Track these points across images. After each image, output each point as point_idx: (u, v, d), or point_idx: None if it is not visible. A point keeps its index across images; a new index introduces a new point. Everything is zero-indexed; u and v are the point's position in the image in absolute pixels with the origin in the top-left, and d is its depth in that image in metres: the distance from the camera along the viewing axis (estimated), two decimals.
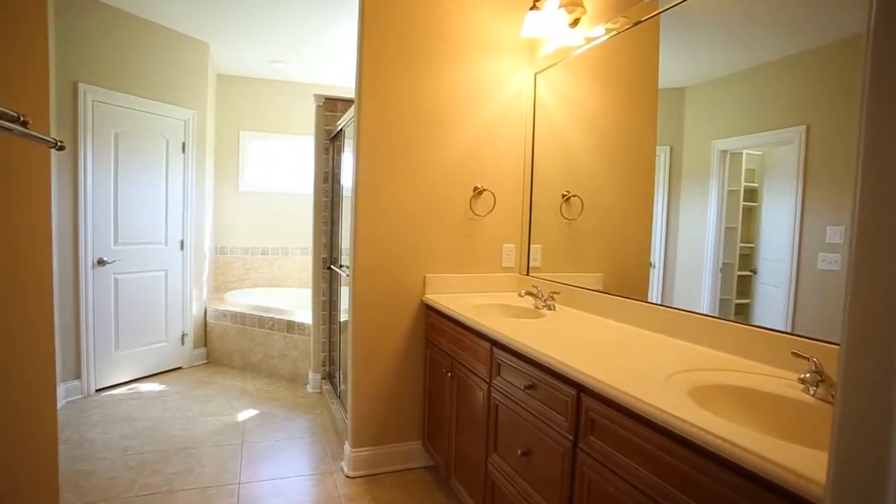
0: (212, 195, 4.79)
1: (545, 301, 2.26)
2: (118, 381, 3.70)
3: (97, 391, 3.53)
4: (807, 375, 1.13)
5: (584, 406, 1.32)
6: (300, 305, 4.57)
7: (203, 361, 4.36)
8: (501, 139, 2.67)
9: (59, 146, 1.12)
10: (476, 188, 2.63)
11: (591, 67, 2.26)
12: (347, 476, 2.50)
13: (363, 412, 2.52)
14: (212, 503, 2.25)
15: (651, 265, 1.94)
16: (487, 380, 1.88)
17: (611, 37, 2.12)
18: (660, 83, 1.91)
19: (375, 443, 2.54)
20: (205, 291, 4.46)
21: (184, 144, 4.07)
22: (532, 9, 2.38)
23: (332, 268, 3.66)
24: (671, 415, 1.01)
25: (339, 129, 3.44)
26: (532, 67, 2.67)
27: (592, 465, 1.29)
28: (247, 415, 3.25)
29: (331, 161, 3.68)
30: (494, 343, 1.84)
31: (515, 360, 1.68)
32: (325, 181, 3.68)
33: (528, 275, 2.68)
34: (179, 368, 4.16)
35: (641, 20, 1.97)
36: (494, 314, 2.27)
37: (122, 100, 3.58)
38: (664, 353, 1.52)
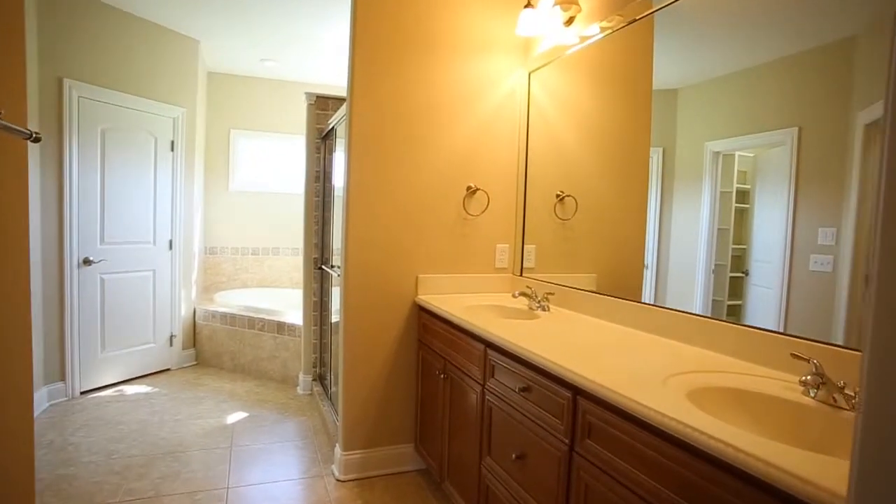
0: (201, 194, 4.73)
1: (539, 302, 2.23)
2: (104, 384, 3.62)
3: (82, 393, 3.46)
4: (808, 378, 1.11)
5: (581, 409, 1.29)
6: (291, 306, 4.51)
7: (192, 363, 4.30)
8: (495, 138, 2.64)
9: (35, 138, 1.07)
10: (469, 187, 2.60)
11: (586, 67, 2.24)
12: (338, 480, 2.46)
13: (354, 414, 2.48)
14: None
15: (644, 266, 1.93)
16: (481, 382, 1.85)
17: (605, 35, 2.10)
18: (653, 84, 1.90)
19: (367, 446, 2.50)
20: (194, 292, 4.40)
21: (172, 143, 4.00)
22: (527, 6, 2.36)
23: (324, 268, 3.62)
24: (671, 418, 0.99)
25: (331, 128, 3.40)
26: (526, 66, 2.65)
27: (589, 470, 1.26)
28: (236, 417, 3.19)
29: (322, 160, 3.64)
30: (488, 344, 1.80)
31: (510, 362, 1.65)
32: (317, 180, 3.64)
33: (522, 275, 2.66)
34: (168, 370, 4.09)
35: (637, 18, 1.95)
36: (488, 315, 2.24)
37: (109, 96, 3.51)
38: (661, 355, 1.50)
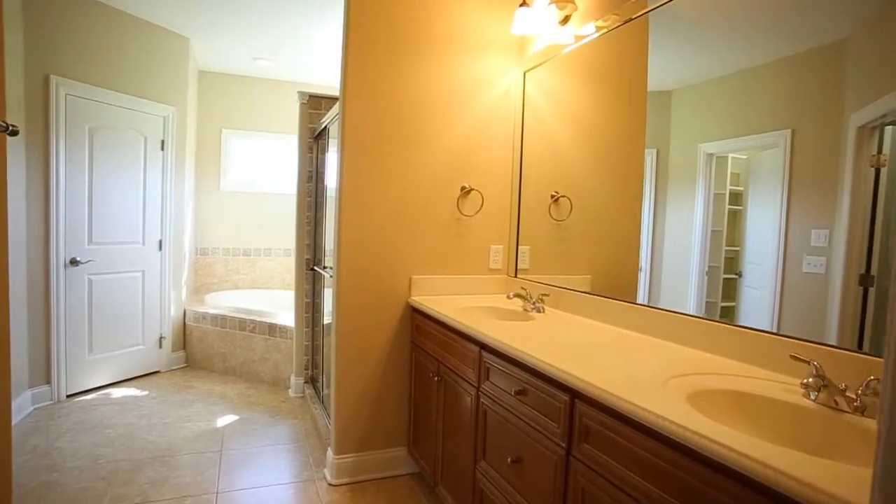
0: (192, 194, 4.67)
1: (534, 303, 2.21)
2: (91, 387, 3.56)
3: (68, 397, 3.39)
4: (809, 380, 1.09)
5: (578, 412, 1.27)
6: (283, 307, 4.46)
7: (182, 365, 4.24)
8: (490, 138, 2.62)
9: (11, 131, 1.03)
10: (463, 188, 2.57)
11: (581, 67, 2.23)
12: (330, 484, 2.42)
13: (347, 417, 2.44)
14: None
15: (639, 268, 1.92)
16: (476, 384, 1.82)
17: (601, 34, 2.09)
18: (647, 85, 1.89)
19: (359, 449, 2.47)
20: (184, 293, 4.34)
21: (163, 142, 3.95)
22: (522, 5, 2.34)
23: (316, 269, 3.58)
24: (671, 421, 0.96)
25: (324, 128, 3.36)
26: (521, 66, 2.63)
27: (587, 474, 1.23)
28: (226, 420, 3.14)
29: (315, 160, 3.60)
30: (483, 346, 1.78)
31: (505, 365, 1.62)
32: (309, 180, 3.60)
33: (517, 276, 2.63)
34: (157, 372, 4.03)
35: (632, 17, 1.94)
36: (482, 317, 2.21)
37: (98, 94, 3.45)
38: (658, 357, 1.47)
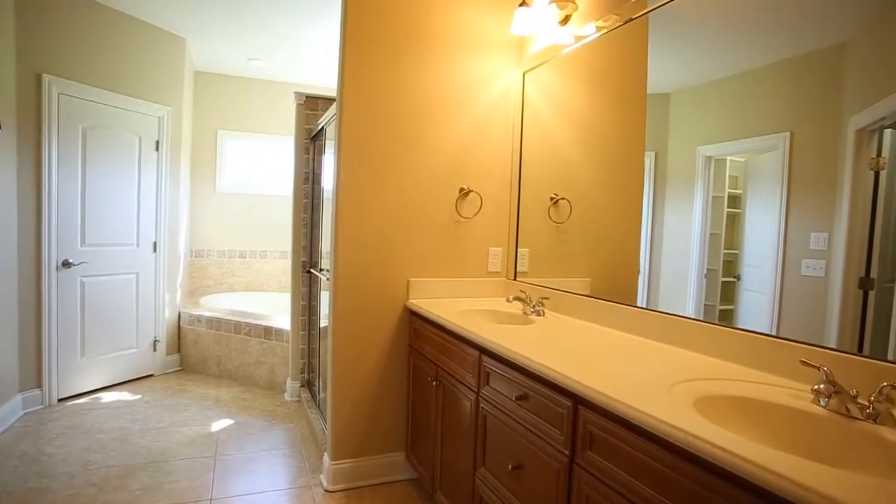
0: (187, 196, 4.62)
1: (534, 307, 2.18)
2: (83, 390, 3.50)
3: (60, 401, 3.34)
4: (821, 387, 1.06)
5: (582, 418, 1.23)
6: (279, 310, 4.41)
7: (176, 368, 4.18)
8: (488, 139, 2.59)
9: None
10: (462, 189, 2.54)
11: (581, 68, 2.21)
12: (326, 490, 2.37)
13: (343, 422, 2.40)
14: None
15: (638, 270, 1.91)
16: (475, 389, 1.79)
17: (601, 34, 2.07)
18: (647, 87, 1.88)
19: (356, 454, 2.43)
20: (178, 295, 4.29)
21: (157, 142, 3.90)
22: (521, 5, 2.31)
23: (312, 271, 3.54)
24: (679, 429, 0.93)
25: (321, 128, 3.33)
26: (520, 66, 2.60)
27: (591, 483, 1.20)
28: (221, 425, 3.09)
29: (311, 161, 3.57)
30: (483, 350, 1.74)
31: (505, 369, 1.59)
32: (306, 182, 3.56)
33: (516, 279, 2.60)
34: (151, 376, 3.98)
35: (633, 17, 1.92)
36: (482, 320, 2.18)
37: (91, 93, 3.41)
38: (662, 361, 1.45)
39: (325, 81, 4.99)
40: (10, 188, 2.98)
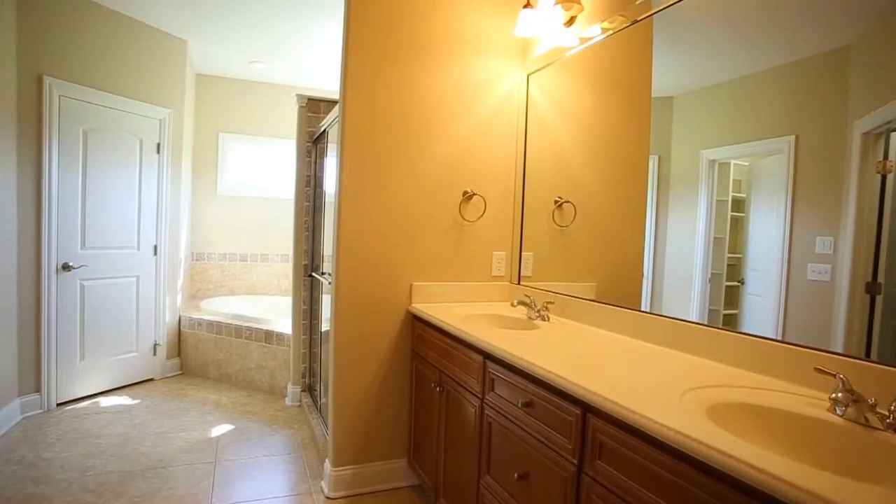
0: (189, 199, 4.61)
1: (538, 311, 2.15)
2: (83, 395, 3.47)
3: (59, 405, 3.31)
4: (839, 395, 1.03)
5: (591, 427, 1.20)
6: (280, 314, 4.39)
7: (176, 373, 4.15)
8: (492, 142, 2.57)
9: None
10: (466, 192, 2.52)
11: (585, 70, 2.18)
12: (328, 497, 2.34)
13: (345, 428, 2.37)
14: None
15: (642, 275, 1.89)
16: (480, 395, 1.75)
17: (607, 36, 2.04)
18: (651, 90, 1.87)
19: (358, 461, 2.39)
20: (179, 299, 4.26)
21: (159, 145, 3.88)
22: (526, 7, 2.30)
23: (314, 275, 3.51)
24: (693, 439, 0.90)
25: (323, 131, 3.31)
26: (524, 68, 2.58)
27: (601, 493, 1.17)
28: (221, 430, 3.06)
29: (313, 164, 3.54)
30: (487, 356, 1.71)
31: (511, 375, 1.56)
32: (307, 185, 3.54)
33: (520, 284, 2.57)
34: (151, 380, 3.95)
35: (639, 19, 1.90)
36: (486, 325, 2.15)
37: (92, 96, 3.39)
38: (671, 367, 1.42)
39: (327, 84, 4.97)
40: (10, 190, 2.96)
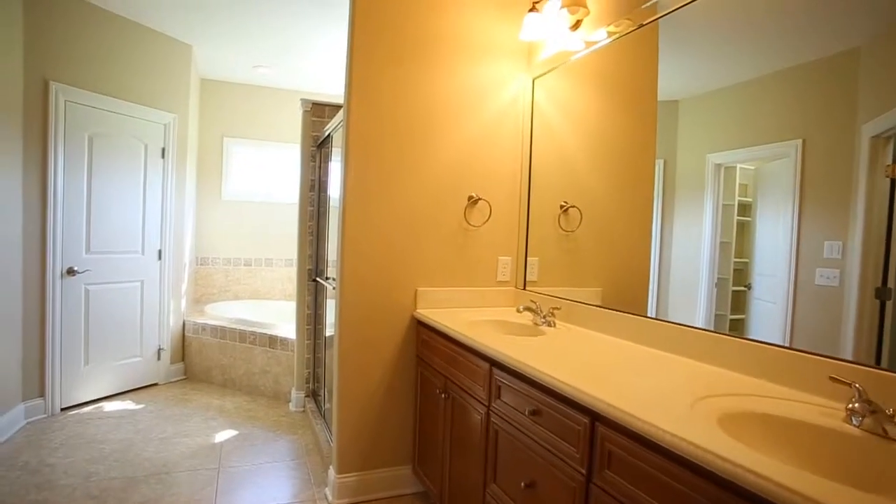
0: (193, 203, 4.61)
1: (544, 317, 2.13)
2: (87, 399, 3.47)
3: (63, 410, 3.30)
4: (855, 405, 1.01)
5: (600, 436, 1.18)
6: (284, 319, 4.38)
7: (180, 377, 4.15)
8: (497, 146, 2.55)
9: None
10: (471, 197, 2.50)
11: (591, 74, 2.17)
12: None
13: (349, 435, 2.35)
14: None
15: (649, 280, 1.87)
16: (486, 403, 1.73)
17: (613, 40, 2.03)
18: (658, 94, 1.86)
19: (362, 468, 2.37)
20: (183, 303, 4.25)
21: (163, 149, 3.89)
22: (531, 10, 2.29)
23: (318, 280, 3.50)
24: (705, 450, 0.88)
25: (327, 135, 3.30)
26: (529, 72, 2.57)
27: None
28: (225, 435, 3.05)
29: (317, 169, 3.54)
30: (493, 363, 1.69)
31: (518, 383, 1.54)
32: (312, 189, 3.53)
33: (525, 289, 2.55)
34: (155, 385, 3.94)
35: (645, 23, 1.89)
36: (492, 331, 2.13)
37: (98, 100, 3.40)
38: (680, 375, 1.39)
39: (332, 88, 4.98)
40: (16, 195, 2.96)
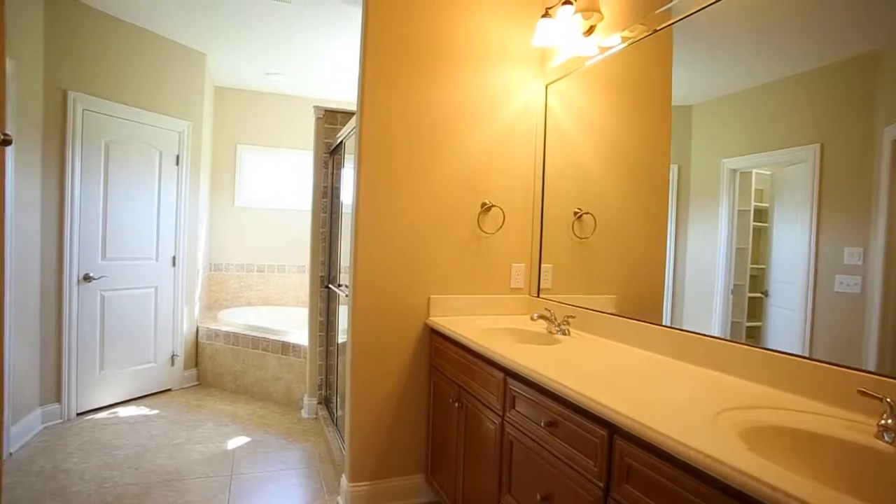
0: (207, 210, 4.65)
1: (559, 325, 2.11)
2: (102, 405, 3.50)
3: (78, 415, 3.33)
4: (889, 421, 0.97)
5: (618, 449, 1.16)
6: (296, 325, 4.39)
7: (193, 383, 4.17)
8: (510, 153, 2.54)
9: (4, 140, 0.96)
10: (484, 204, 2.49)
11: (604, 80, 2.16)
12: None
13: (362, 443, 2.33)
14: None
15: (664, 287, 1.85)
16: (500, 413, 1.71)
17: (627, 45, 2.02)
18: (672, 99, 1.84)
19: (375, 477, 2.35)
20: (197, 309, 4.28)
21: (178, 157, 3.93)
22: (544, 16, 2.28)
23: (331, 287, 3.50)
24: (729, 466, 0.86)
25: (339, 142, 3.32)
26: (542, 78, 2.56)
27: None
28: (237, 442, 3.05)
29: (330, 175, 3.55)
30: (508, 372, 1.67)
31: (533, 393, 1.52)
32: (324, 196, 3.54)
33: (539, 296, 2.53)
34: (168, 391, 3.96)
35: (659, 28, 1.87)
36: (506, 339, 2.11)
37: (114, 109, 3.45)
38: (700, 386, 1.36)
39: (344, 95, 5.00)
40: (35, 203, 3.01)
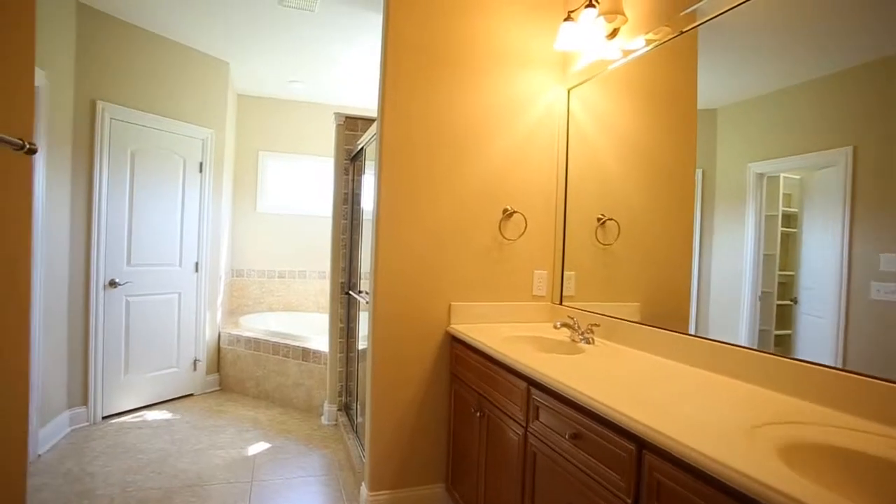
0: (229, 216, 4.71)
1: (582, 334, 2.06)
2: (126, 408, 3.55)
3: (104, 418, 3.38)
4: None
5: (647, 465, 1.12)
6: (316, 331, 4.41)
7: (215, 388, 4.21)
8: (532, 158, 2.51)
9: (29, 149, 0.97)
10: (506, 210, 2.46)
11: (628, 84, 2.12)
12: None
13: (382, 451, 2.31)
14: None
15: (690, 295, 1.80)
16: (524, 424, 1.68)
17: (651, 48, 1.98)
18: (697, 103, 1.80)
19: (394, 486, 2.33)
20: (219, 315, 4.33)
21: (201, 164, 3.99)
22: (566, 20, 2.25)
23: (351, 293, 3.50)
24: (767, 486, 0.81)
25: (360, 149, 3.32)
26: (564, 83, 2.52)
27: None
28: (258, 448, 3.06)
29: (351, 182, 3.56)
30: (531, 382, 1.64)
31: (558, 404, 1.48)
32: (345, 203, 3.55)
33: (562, 304, 2.48)
34: (191, 395, 4.01)
35: (685, 30, 1.83)
36: (528, 348, 2.07)
37: (140, 118, 3.52)
38: (729, 398, 1.31)
39: (365, 102, 5.03)
40: (64, 210, 3.08)
